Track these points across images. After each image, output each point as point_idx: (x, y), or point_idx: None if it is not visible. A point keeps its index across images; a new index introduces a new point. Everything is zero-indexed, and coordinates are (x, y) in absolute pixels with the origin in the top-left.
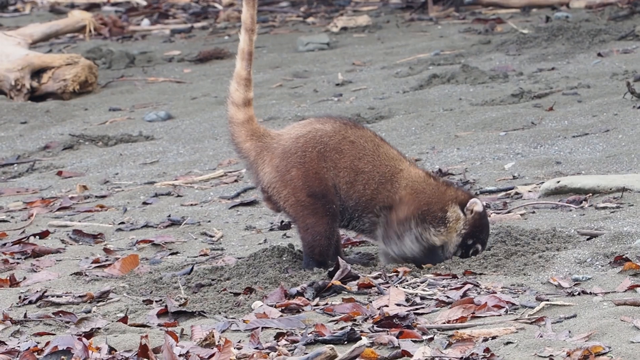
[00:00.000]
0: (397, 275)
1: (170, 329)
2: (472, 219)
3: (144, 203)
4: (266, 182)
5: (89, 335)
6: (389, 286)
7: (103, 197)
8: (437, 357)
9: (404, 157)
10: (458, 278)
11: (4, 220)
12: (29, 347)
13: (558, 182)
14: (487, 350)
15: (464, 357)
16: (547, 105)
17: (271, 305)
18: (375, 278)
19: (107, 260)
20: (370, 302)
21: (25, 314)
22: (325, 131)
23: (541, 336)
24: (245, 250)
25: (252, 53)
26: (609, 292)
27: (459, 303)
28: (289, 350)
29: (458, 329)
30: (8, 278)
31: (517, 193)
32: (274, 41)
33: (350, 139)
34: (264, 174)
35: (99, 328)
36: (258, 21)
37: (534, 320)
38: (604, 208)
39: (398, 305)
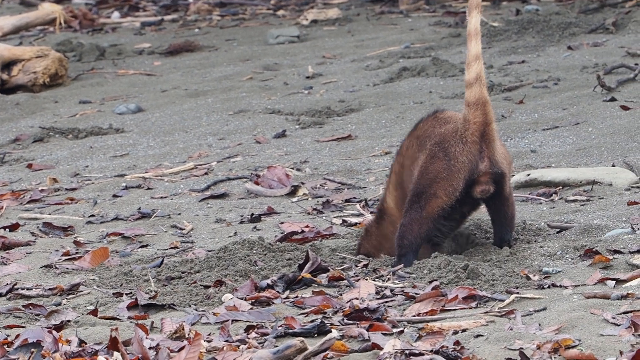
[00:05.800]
0: (367, 268)
1: (140, 321)
2: None
3: (114, 196)
4: None
5: (59, 328)
6: (359, 279)
7: (73, 189)
8: (407, 350)
9: None
10: None
11: None
12: None
13: (528, 175)
14: (457, 343)
15: (434, 349)
16: (518, 98)
17: (241, 298)
18: (345, 270)
19: (77, 252)
20: (341, 294)
21: None
22: None
23: (511, 329)
24: (216, 243)
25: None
26: (578, 285)
27: (429, 296)
28: (259, 343)
29: (428, 321)
30: None
31: None
32: (244, 34)
33: None
34: None
35: (69, 321)
36: (227, 14)
37: (504, 313)
38: (574, 201)
39: (368, 298)
